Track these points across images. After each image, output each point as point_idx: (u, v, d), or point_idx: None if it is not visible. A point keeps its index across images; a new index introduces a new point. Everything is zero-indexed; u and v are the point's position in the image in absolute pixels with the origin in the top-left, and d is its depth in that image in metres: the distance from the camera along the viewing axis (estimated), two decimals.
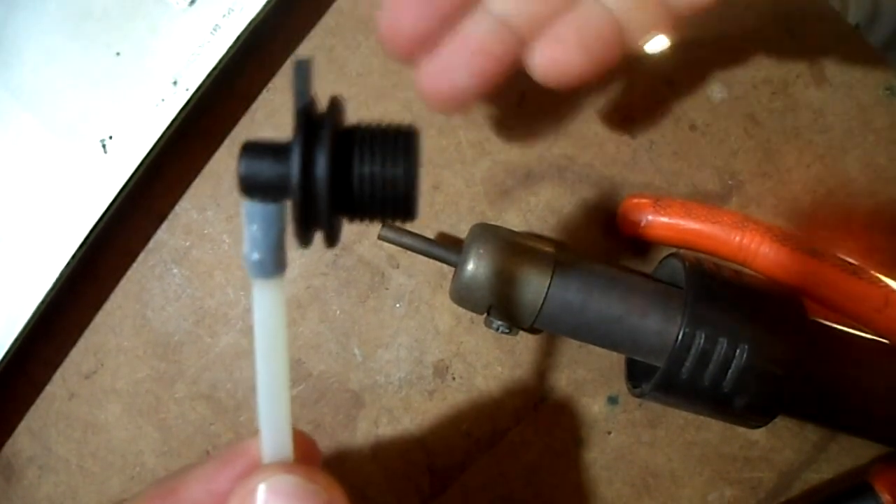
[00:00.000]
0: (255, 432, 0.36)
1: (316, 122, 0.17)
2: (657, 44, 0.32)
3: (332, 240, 0.18)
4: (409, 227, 0.33)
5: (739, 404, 0.30)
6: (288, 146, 0.17)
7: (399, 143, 0.18)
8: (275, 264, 0.18)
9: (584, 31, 0.26)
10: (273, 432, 0.20)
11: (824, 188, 0.37)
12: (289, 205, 0.18)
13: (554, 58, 0.26)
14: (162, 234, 0.37)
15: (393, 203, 0.18)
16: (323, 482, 0.19)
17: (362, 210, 0.18)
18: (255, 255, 0.18)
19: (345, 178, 0.17)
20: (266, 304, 0.19)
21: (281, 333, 0.19)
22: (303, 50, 0.37)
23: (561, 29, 0.26)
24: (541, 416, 0.36)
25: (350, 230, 0.36)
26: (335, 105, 0.18)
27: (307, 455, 0.21)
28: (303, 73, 0.18)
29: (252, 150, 0.17)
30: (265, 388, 0.19)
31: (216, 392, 0.36)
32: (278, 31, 0.37)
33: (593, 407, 0.36)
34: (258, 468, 0.19)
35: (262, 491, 0.18)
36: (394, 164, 0.17)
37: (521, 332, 0.35)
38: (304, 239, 0.18)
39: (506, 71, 0.26)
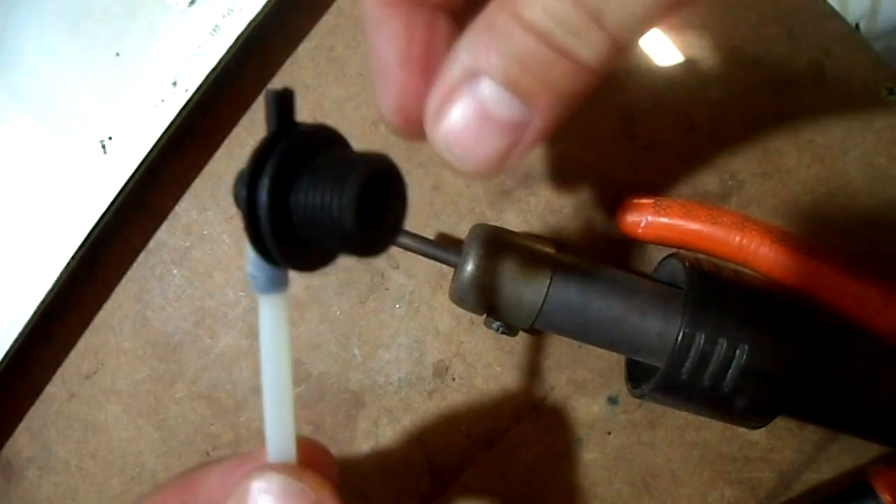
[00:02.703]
0: (254, 432, 0.36)
1: (284, 147, 0.17)
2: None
3: (298, 265, 0.18)
4: (408, 227, 0.33)
5: (739, 405, 0.30)
6: None
7: (352, 173, 0.17)
8: (275, 282, 0.19)
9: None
10: (276, 435, 0.21)
11: (824, 188, 0.37)
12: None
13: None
14: (162, 234, 0.37)
15: (340, 236, 0.17)
16: (311, 482, 0.20)
17: (314, 240, 0.18)
18: (256, 272, 0.19)
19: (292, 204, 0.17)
20: (268, 319, 0.20)
21: (284, 345, 0.20)
22: (303, 49, 0.37)
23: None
24: (541, 417, 0.36)
25: None
26: (304, 131, 0.18)
27: (317, 460, 0.22)
28: (274, 103, 0.18)
29: (241, 174, 0.18)
30: (270, 395, 0.21)
31: (216, 392, 0.36)
32: (278, 31, 0.37)
33: (593, 407, 0.36)
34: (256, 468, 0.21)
35: (253, 489, 0.20)
36: (337, 195, 0.16)
37: (521, 333, 0.35)
38: (269, 261, 0.18)
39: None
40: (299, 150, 0.17)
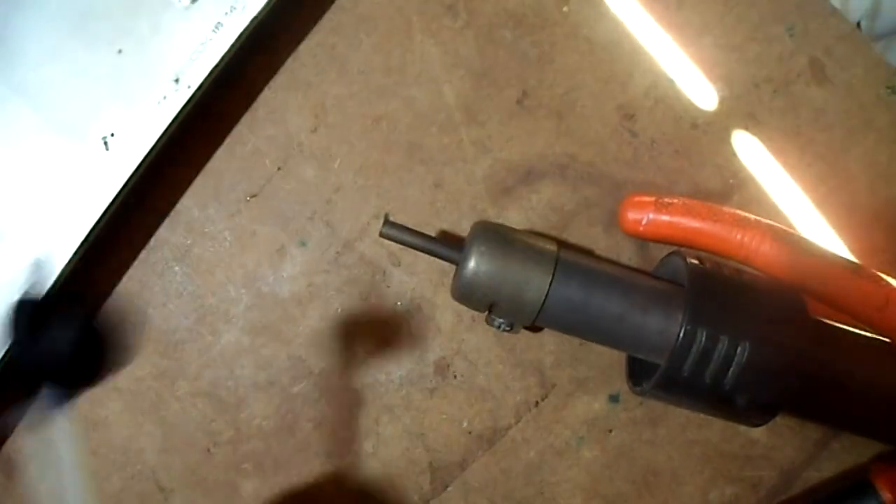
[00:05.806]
0: (255, 429, 0.36)
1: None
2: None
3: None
4: (410, 225, 0.33)
5: (740, 402, 0.30)
6: None
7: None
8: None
9: None
10: None
11: (825, 187, 0.37)
12: None
13: None
14: (163, 231, 0.37)
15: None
16: None
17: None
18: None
19: None
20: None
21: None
22: (304, 47, 0.37)
23: None
24: (542, 414, 0.36)
25: (351, 229, 0.36)
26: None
27: None
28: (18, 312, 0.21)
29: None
30: None
31: (217, 389, 0.36)
32: (280, 29, 0.37)
33: (594, 405, 0.36)
34: None
35: None
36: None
37: (523, 330, 0.35)
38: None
39: None
40: None
